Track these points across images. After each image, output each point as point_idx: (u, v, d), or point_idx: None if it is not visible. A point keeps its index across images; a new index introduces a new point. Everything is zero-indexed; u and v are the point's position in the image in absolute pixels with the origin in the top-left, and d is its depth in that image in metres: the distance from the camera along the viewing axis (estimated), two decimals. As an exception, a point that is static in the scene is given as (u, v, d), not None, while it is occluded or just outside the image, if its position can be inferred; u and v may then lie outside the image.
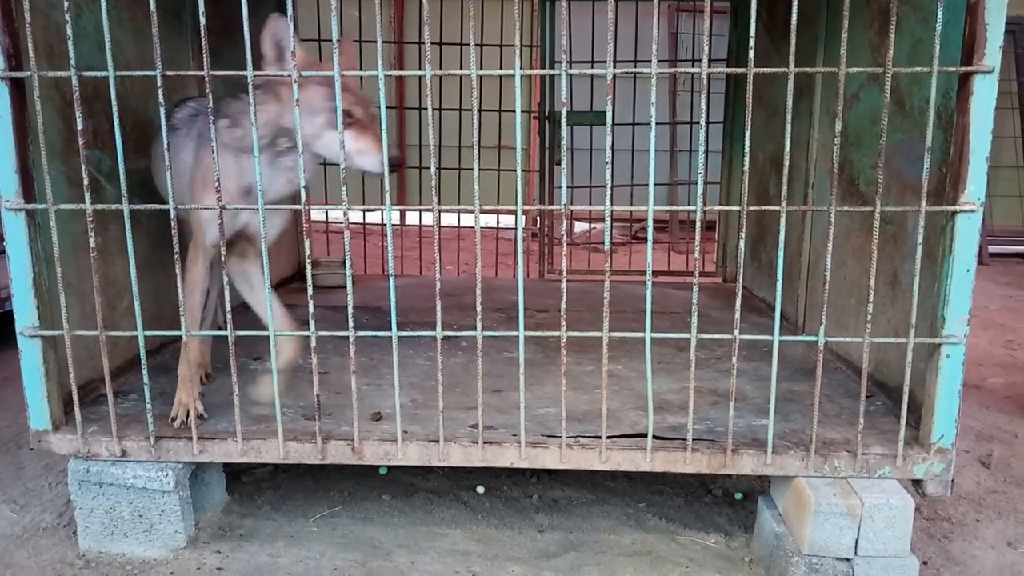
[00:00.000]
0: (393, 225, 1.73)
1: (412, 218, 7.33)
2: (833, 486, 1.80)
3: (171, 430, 1.94)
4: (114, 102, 1.65)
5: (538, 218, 4.85)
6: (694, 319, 1.71)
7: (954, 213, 1.67)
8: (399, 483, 2.30)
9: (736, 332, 1.71)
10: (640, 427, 1.95)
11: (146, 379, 1.82)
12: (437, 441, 1.86)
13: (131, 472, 1.89)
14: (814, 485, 1.80)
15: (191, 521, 1.98)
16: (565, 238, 1.97)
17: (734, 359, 1.73)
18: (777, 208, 1.66)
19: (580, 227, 7.32)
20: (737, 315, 1.72)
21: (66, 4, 1.60)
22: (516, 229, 1.84)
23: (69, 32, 1.61)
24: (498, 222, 5.17)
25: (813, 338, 1.73)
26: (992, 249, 6.60)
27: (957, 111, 1.67)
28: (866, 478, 1.82)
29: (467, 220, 5.70)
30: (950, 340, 1.71)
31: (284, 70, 1.74)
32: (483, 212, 1.70)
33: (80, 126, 1.66)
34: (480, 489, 2.26)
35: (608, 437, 1.86)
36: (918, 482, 1.85)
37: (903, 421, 1.75)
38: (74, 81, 1.63)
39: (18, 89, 1.71)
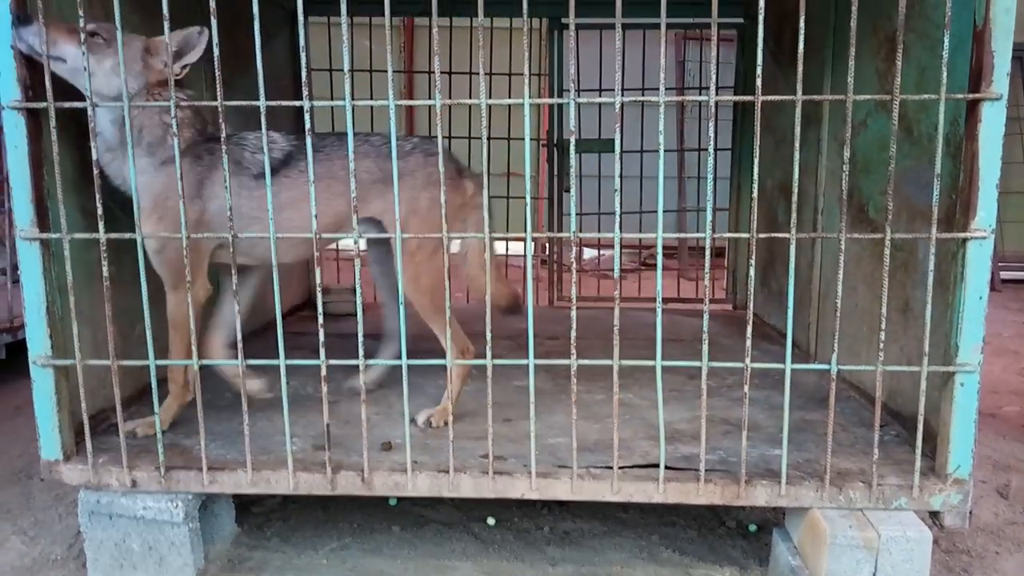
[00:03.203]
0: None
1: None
2: (849, 518, 1.77)
3: (181, 460, 1.94)
4: (129, 132, 1.67)
5: (547, 245, 4.86)
6: (705, 347, 1.70)
7: (965, 240, 1.66)
8: (409, 514, 2.28)
9: (747, 360, 1.70)
10: (652, 457, 1.93)
11: (156, 408, 1.82)
12: (447, 472, 1.84)
13: (141, 503, 1.88)
14: (829, 517, 1.77)
15: (201, 553, 1.96)
16: (574, 265, 1.97)
17: (746, 388, 1.72)
18: (787, 236, 1.65)
19: (589, 254, 7.32)
20: (748, 343, 1.71)
21: (82, 36, 1.63)
22: (526, 257, 1.84)
23: (85, 63, 1.64)
24: (507, 249, 5.18)
25: (825, 366, 1.71)
26: (1004, 275, 6.56)
27: (966, 138, 1.67)
28: (882, 510, 1.79)
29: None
30: (964, 368, 1.70)
31: None
32: (492, 239, 1.71)
33: (95, 156, 1.68)
34: (491, 520, 2.23)
35: (620, 468, 1.84)
36: (935, 513, 1.82)
37: (918, 451, 1.73)
38: (90, 112, 1.66)
39: (34, 120, 1.74)
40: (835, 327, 1.69)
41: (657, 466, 1.81)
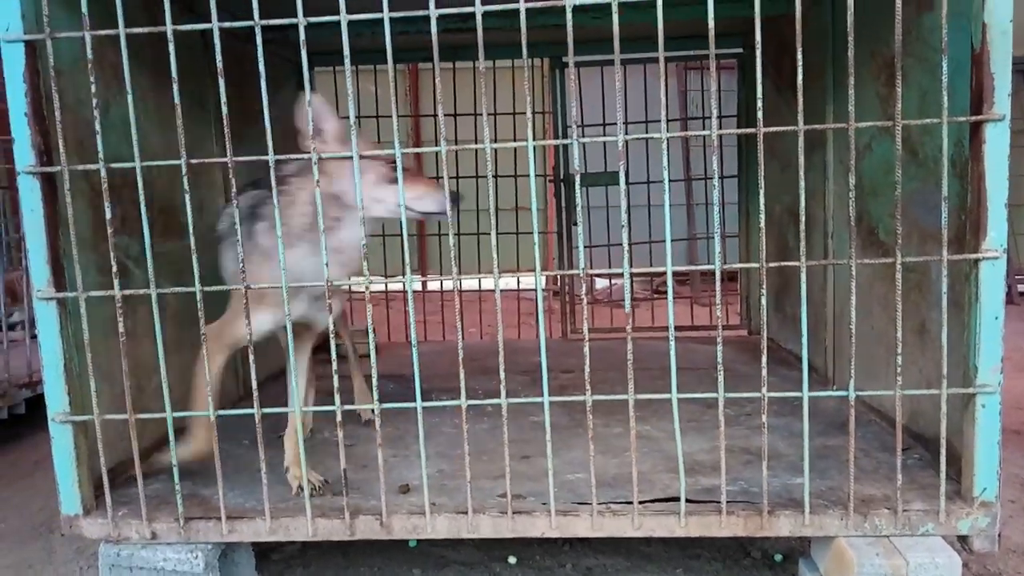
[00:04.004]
0: (415, 291, 1.75)
1: (434, 283, 7.38)
2: (875, 545, 1.75)
3: (200, 510, 1.93)
4: (141, 191, 1.70)
5: (559, 277, 4.87)
6: (720, 378, 1.69)
7: (977, 260, 1.66)
8: (429, 555, 2.26)
9: (764, 390, 1.69)
10: (672, 490, 1.91)
11: (175, 460, 1.82)
12: (466, 512, 1.83)
13: (161, 555, 1.88)
14: (855, 545, 1.74)
15: (221, 604, 1.95)
16: (585, 300, 1.96)
17: (764, 418, 1.70)
18: (797, 264, 1.65)
19: (601, 283, 7.32)
20: (764, 372, 1.70)
21: (94, 101, 1.67)
22: (536, 291, 1.85)
23: (98, 127, 1.67)
24: (519, 283, 5.19)
25: (843, 393, 1.70)
26: (1021, 288, 6.49)
27: (971, 159, 1.67)
28: (909, 536, 1.76)
29: (488, 282, 5.73)
30: (984, 390, 1.68)
31: (323, 143, 1.77)
32: (503, 275, 1.72)
33: (109, 215, 1.71)
34: (512, 559, 2.21)
35: (640, 502, 1.83)
36: (964, 537, 1.79)
37: (943, 475, 1.70)
38: (103, 173, 1.69)
39: (49, 183, 1.77)
40: (851, 353, 1.68)
41: (678, 499, 1.79)
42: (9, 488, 3.00)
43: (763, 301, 1.69)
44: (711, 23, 1.55)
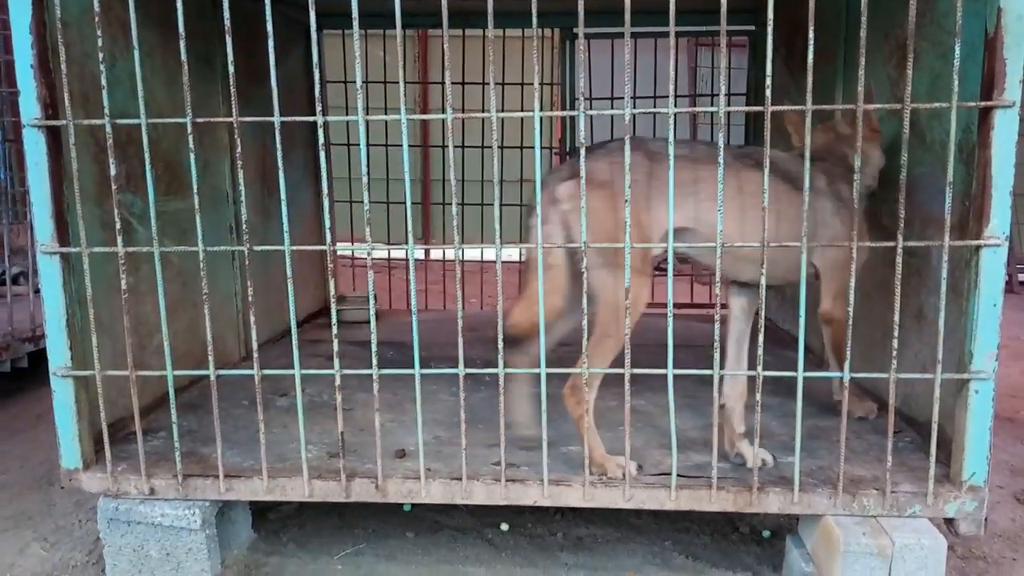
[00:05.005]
0: (417, 260, 1.76)
1: (437, 251, 7.39)
2: (862, 525, 1.77)
3: (198, 468, 1.96)
4: (146, 148, 1.69)
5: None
6: (716, 356, 1.70)
7: (978, 247, 1.66)
8: (423, 520, 2.29)
9: (760, 368, 1.70)
10: (664, 466, 1.94)
11: (174, 417, 1.84)
12: (460, 479, 1.86)
13: (159, 510, 1.91)
14: (843, 524, 1.77)
15: (218, 559, 1.99)
16: (585, 274, 1.97)
17: (758, 396, 1.72)
18: (797, 244, 1.66)
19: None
20: (760, 351, 1.71)
21: (100, 55, 1.66)
22: (538, 263, 1.85)
23: (103, 81, 1.67)
24: (521, 255, 5.19)
25: (838, 374, 1.71)
26: (1022, 277, 6.49)
27: (978, 145, 1.67)
28: (896, 517, 1.79)
29: (491, 253, 5.72)
30: (978, 376, 1.69)
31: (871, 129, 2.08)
32: (505, 246, 1.73)
33: (113, 171, 1.72)
34: (504, 526, 2.24)
35: (632, 476, 1.85)
36: (950, 520, 1.81)
37: (932, 458, 1.72)
38: (108, 128, 1.69)
39: (54, 137, 1.77)
40: (848, 335, 1.69)
41: (669, 474, 1.82)
42: (11, 440, 3.04)
43: (763, 281, 1.69)
44: (723, -2, 1.54)
